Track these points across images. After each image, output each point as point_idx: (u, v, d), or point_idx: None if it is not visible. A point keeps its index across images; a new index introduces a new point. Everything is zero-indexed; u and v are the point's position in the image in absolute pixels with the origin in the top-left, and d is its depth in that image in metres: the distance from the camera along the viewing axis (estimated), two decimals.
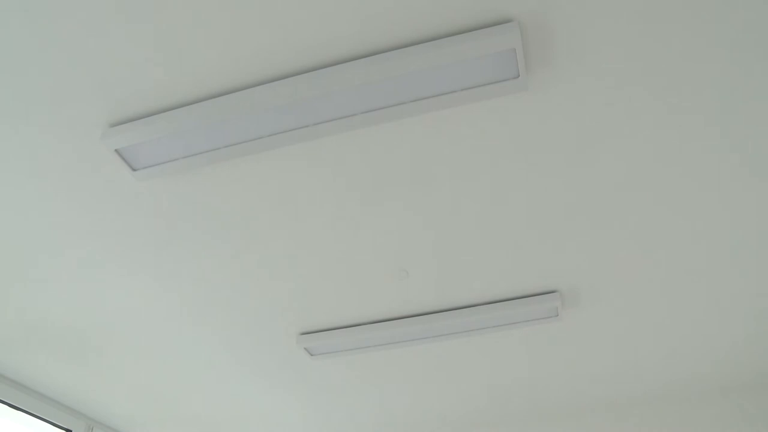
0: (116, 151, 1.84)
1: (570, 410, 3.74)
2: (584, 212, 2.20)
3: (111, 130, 1.80)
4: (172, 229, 2.23)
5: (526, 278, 2.54)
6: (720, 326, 2.92)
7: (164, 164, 1.89)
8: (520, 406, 3.66)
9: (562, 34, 1.61)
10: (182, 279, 2.47)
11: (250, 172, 2.00)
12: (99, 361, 3.02)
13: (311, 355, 2.95)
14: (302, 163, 1.97)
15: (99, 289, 2.52)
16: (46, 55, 1.62)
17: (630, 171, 2.04)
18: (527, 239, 2.32)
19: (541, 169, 2.02)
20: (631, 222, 2.25)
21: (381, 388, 3.39)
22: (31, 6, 1.50)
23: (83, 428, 3.54)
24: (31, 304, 2.59)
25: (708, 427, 3.52)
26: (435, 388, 3.40)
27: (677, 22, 1.59)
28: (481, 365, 3.18)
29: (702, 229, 2.30)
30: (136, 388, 3.31)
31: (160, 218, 2.17)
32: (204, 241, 2.28)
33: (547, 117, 1.84)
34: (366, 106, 1.72)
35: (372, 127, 1.85)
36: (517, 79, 1.66)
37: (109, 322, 2.72)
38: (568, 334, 2.94)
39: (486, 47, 1.57)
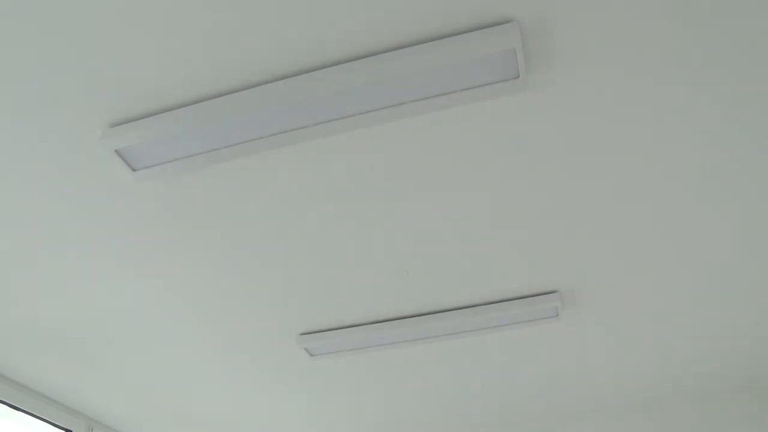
0: (116, 151, 1.84)
1: (570, 410, 3.74)
2: (584, 212, 2.20)
3: (111, 131, 1.80)
4: (172, 230, 2.23)
5: (526, 278, 2.54)
6: (721, 326, 2.92)
7: (164, 164, 1.89)
8: (519, 406, 3.66)
9: (562, 34, 1.61)
10: (182, 279, 2.47)
11: (250, 172, 1.99)
12: (99, 361, 3.02)
13: (311, 355, 2.95)
14: (302, 163, 1.97)
15: (99, 289, 2.52)
16: (47, 56, 1.62)
17: (630, 171, 2.04)
18: (527, 239, 2.32)
19: (541, 170, 2.02)
20: (632, 222, 2.25)
21: (381, 388, 3.39)
22: (32, 6, 1.50)
23: (83, 428, 3.54)
24: (31, 304, 2.59)
25: (708, 427, 3.52)
26: (435, 388, 3.40)
27: (678, 23, 1.59)
28: (480, 365, 3.17)
29: (703, 230, 2.30)
30: (136, 388, 3.31)
31: (160, 218, 2.17)
32: (204, 241, 2.28)
33: (547, 118, 1.84)
34: (366, 107, 1.72)
35: (372, 128, 1.85)
36: (517, 79, 1.66)
37: (109, 322, 2.72)
38: (568, 334, 2.94)
39: (486, 47, 1.57)
